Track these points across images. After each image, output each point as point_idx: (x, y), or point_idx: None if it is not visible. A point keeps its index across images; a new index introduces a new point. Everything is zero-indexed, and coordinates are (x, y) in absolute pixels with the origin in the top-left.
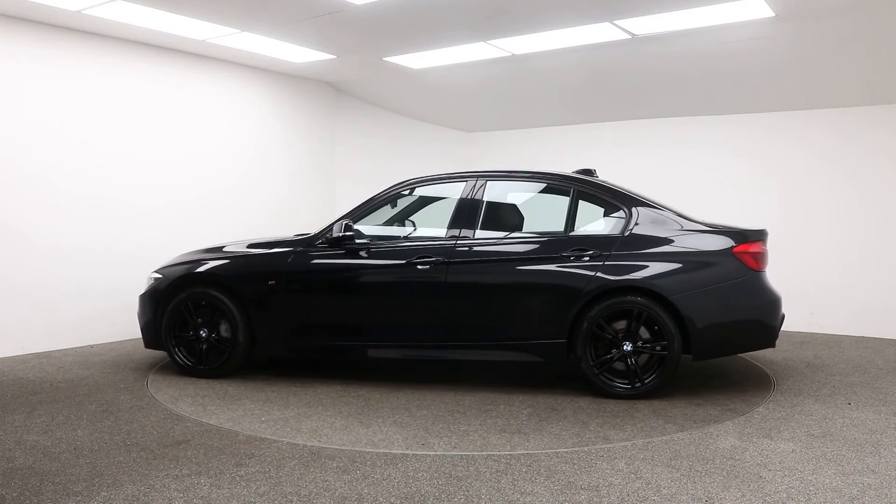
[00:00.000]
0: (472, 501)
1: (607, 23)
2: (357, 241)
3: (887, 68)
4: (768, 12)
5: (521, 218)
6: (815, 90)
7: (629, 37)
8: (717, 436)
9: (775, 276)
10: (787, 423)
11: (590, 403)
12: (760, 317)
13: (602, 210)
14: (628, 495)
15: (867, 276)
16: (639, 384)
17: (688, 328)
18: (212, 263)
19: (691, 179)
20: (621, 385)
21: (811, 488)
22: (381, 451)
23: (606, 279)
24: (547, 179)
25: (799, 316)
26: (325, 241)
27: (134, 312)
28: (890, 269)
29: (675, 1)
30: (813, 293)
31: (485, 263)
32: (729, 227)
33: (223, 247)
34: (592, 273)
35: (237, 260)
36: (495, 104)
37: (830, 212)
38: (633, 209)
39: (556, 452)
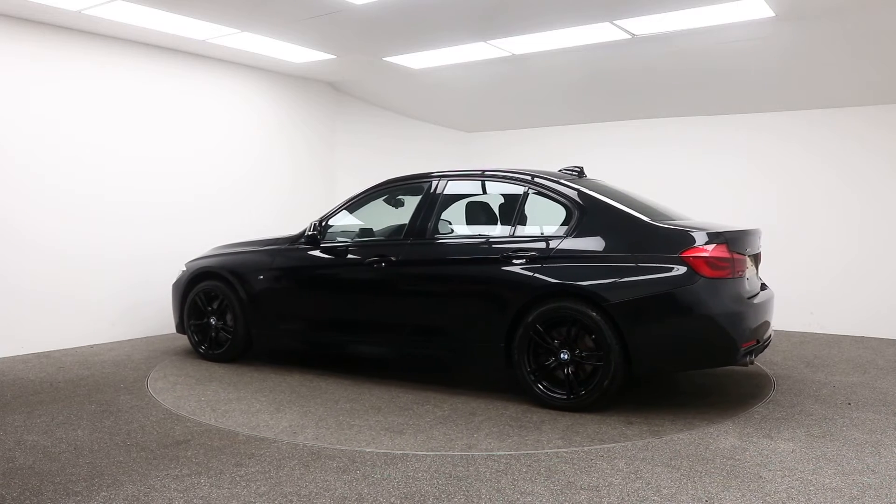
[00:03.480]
0: (472, 501)
1: (607, 23)
2: (339, 239)
3: (887, 68)
4: (768, 12)
5: (475, 218)
6: (815, 90)
7: (629, 37)
8: (717, 436)
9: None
10: (787, 423)
11: (517, 412)
12: (711, 331)
13: (554, 209)
14: (628, 495)
15: (867, 277)
16: (573, 396)
17: (625, 338)
18: (220, 259)
19: (691, 179)
20: (558, 395)
21: (811, 488)
22: (382, 451)
23: (543, 283)
24: (503, 178)
25: (799, 316)
26: (306, 239)
27: (134, 313)
28: (889, 270)
29: (675, 1)
30: (813, 293)
31: (430, 264)
32: (691, 228)
33: (235, 244)
34: (531, 275)
35: (237, 257)
36: (495, 104)
37: (830, 211)
38: (585, 208)
39: (556, 452)
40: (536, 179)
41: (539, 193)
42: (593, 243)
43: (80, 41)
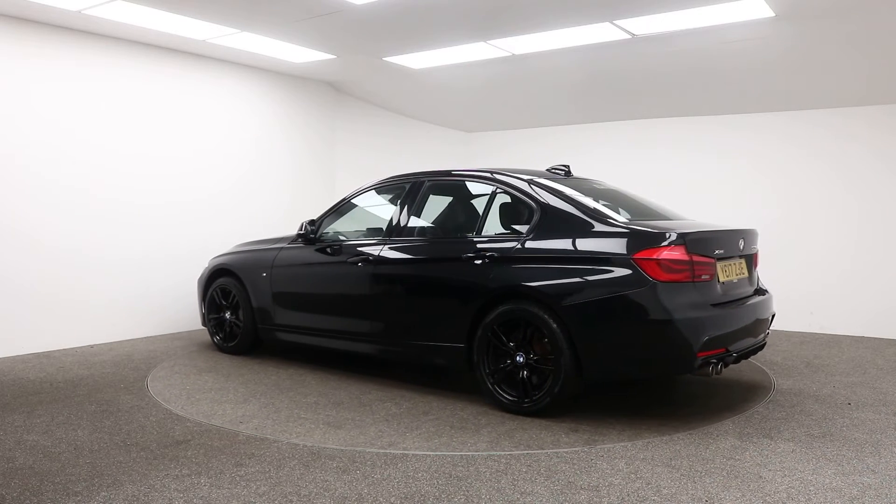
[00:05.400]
0: (472, 501)
1: (607, 23)
2: (341, 238)
3: (887, 68)
4: (768, 12)
5: (445, 218)
6: (815, 90)
7: (629, 37)
8: (717, 436)
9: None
10: (787, 423)
11: (472, 413)
12: (661, 337)
13: (519, 209)
14: (628, 495)
15: (867, 277)
16: (527, 400)
17: (574, 342)
18: (234, 257)
19: (691, 179)
20: (511, 399)
21: (811, 488)
22: (382, 451)
23: (499, 283)
24: (473, 179)
25: (799, 316)
26: (301, 239)
27: (134, 313)
28: (889, 270)
29: (675, 1)
30: (813, 293)
31: (400, 264)
32: (651, 229)
33: (250, 242)
34: (489, 275)
35: (247, 255)
36: (495, 104)
37: (831, 212)
38: (545, 208)
39: (556, 452)
40: (503, 179)
41: (506, 193)
42: (551, 244)
43: (80, 41)
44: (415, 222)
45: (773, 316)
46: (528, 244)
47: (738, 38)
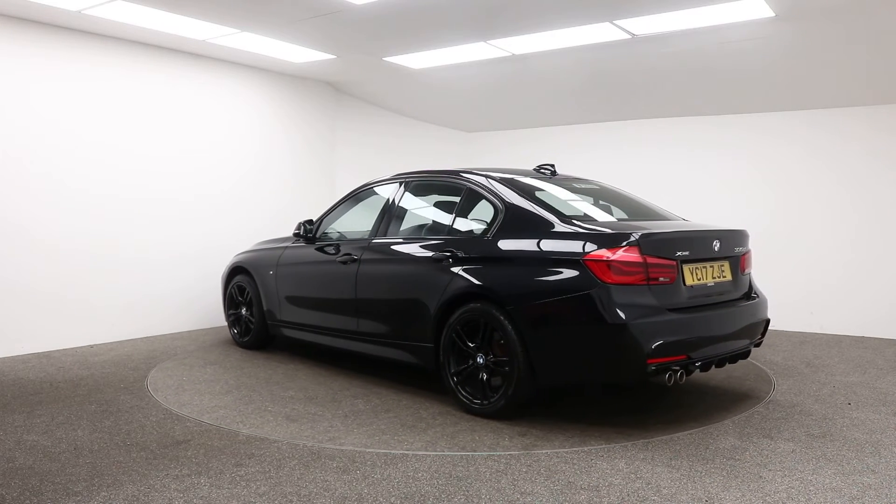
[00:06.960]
0: (472, 501)
1: (607, 23)
2: (335, 238)
3: (887, 68)
4: (768, 12)
5: (421, 218)
6: (815, 90)
7: (629, 37)
8: (717, 436)
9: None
10: (787, 423)
11: (433, 414)
12: (608, 341)
13: (483, 209)
14: (628, 495)
15: (867, 277)
16: (485, 402)
17: (527, 344)
18: (248, 255)
19: (691, 179)
20: (467, 398)
21: (811, 488)
22: (382, 451)
23: (459, 283)
24: (449, 178)
25: (799, 316)
26: (301, 239)
27: (134, 312)
28: (889, 269)
29: (675, 1)
30: (813, 293)
31: (379, 263)
32: (602, 230)
33: (264, 241)
34: (451, 276)
35: (258, 253)
36: (495, 104)
37: (830, 211)
38: (507, 207)
39: (556, 452)
40: (474, 178)
41: (476, 193)
42: (509, 244)
43: (80, 41)
44: (396, 222)
45: (768, 322)
46: (489, 244)
47: (738, 38)
